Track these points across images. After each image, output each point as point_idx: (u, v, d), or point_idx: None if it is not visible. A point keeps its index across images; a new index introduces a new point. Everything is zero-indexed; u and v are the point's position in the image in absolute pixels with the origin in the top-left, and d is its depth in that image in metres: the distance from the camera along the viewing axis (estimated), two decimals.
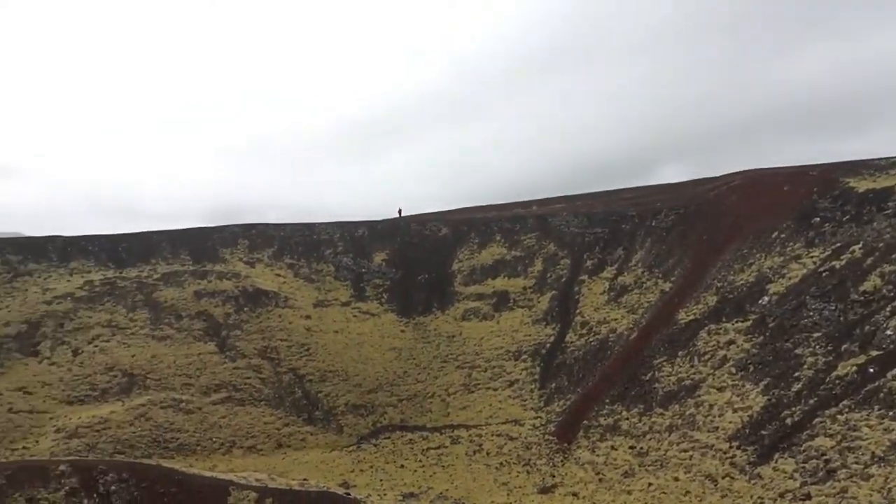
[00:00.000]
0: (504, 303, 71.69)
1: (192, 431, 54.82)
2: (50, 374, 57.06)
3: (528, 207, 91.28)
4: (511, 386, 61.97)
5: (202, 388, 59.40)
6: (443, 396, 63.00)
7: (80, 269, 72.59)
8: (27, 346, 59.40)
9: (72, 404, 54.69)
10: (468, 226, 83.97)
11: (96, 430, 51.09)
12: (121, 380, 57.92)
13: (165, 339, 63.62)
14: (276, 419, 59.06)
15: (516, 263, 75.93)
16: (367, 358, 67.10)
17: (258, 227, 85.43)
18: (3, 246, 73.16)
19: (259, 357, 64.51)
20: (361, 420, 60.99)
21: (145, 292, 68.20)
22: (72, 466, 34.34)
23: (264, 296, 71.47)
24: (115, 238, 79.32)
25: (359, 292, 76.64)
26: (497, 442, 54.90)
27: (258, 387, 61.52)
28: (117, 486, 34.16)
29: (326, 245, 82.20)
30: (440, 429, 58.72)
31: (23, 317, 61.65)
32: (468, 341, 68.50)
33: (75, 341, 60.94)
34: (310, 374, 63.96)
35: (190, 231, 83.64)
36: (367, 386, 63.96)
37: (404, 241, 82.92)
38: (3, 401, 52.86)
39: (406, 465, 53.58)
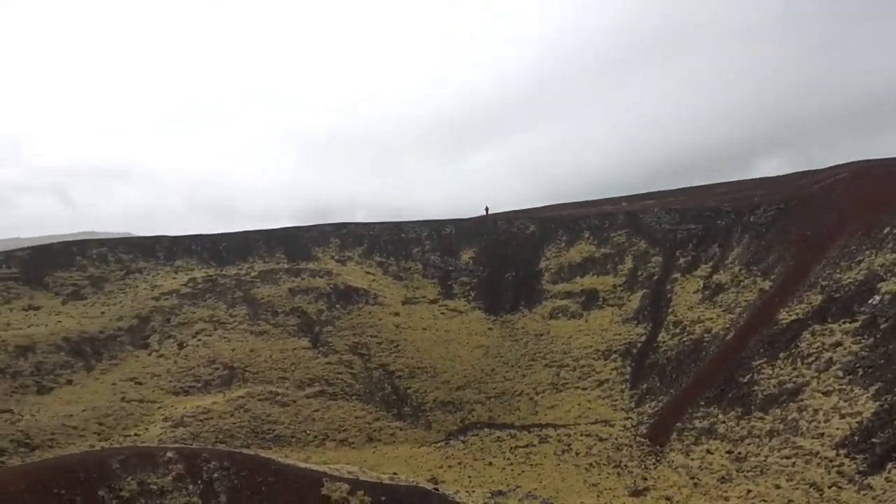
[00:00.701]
0: (593, 301, 70.52)
1: (287, 423, 56.84)
2: (158, 366, 60.53)
3: (618, 204, 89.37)
4: (600, 386, 60.90)
5: (297, 382, 61.49)
6: (531, 395, 62.61)
7: (184, 267, 76.60)
8: (138, 339, 63.25)
9: (178, 395, 57.82)
10: (556, 223, 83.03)
11: (200, 419, 53.80)
12: (222, 372, 60.77)
13: (262, 334, 66.24)
14: (367, 413, 60.38)
15: (605, 261, 74.52)
16: (454, 355, 67.55)
17: (348, 226, 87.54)
18: (115, 245, 78.12)
19: (350, 353, 66.14)
20: (449, 416, 61.45)
21: (244, 289, 71.23)
22: (178, 453, 36.26)
23: (355, 293, 73.19)
24: (216, 237, 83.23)
25: (446, 290, 77.24)
26: (586, 442, 54.05)
27: (349, 382, 63.09)
28: (219, 473, 35.81)
29: (414, 243, 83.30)
30: (528, 427, 58.38)
31: (134, 312, 65.66)
32: (556, 340, 67.79)
33: (181, 335, 64.38)
34: (399, 371, 65.01)
35: (284, 230, 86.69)
36: (455, 383, 64.37)
37: (491, 239, 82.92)
38: (116, 390, 56.52)
39: (494, 463, 53.57)
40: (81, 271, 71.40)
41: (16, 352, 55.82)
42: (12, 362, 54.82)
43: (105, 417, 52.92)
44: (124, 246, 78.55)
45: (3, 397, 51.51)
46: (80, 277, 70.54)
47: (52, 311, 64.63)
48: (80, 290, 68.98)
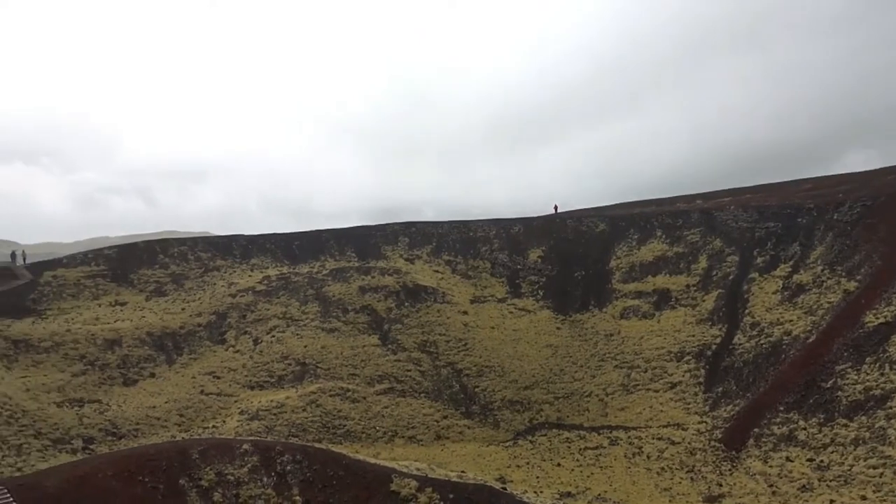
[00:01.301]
0: (665, 301, 68.85)
1: (357, 419, 57.85)
2: (234, 361, 62.66)
3: (691, 201, 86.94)
4: (673, 388, 59.41)
5: (366, 379, 62.49)
6: (600, 396, 61.68)
7: (259, 265, 79.01)
8: (216, 334, 65.64)
9: (253, 389, 59.70)
10: (626, 221, 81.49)
11: (274, 413, 55.38)
12: (294, 368, 62.37)
13: (333, 331, 67.61)
14: (435, 411, 60.78)
15: (678, 260, 72.64)
16: (523, 354, 67.21)
17: (417, 225, 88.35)
18: (195, 244, 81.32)
19: (419, 350, 66.72)
20: (518, 416, 61.19)
21: (315, 287, 72.88)
22: (254, 446, 37.45)
23: (423, 291, 73.79)
24: (289, 236, 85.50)
25: (514, 289, 76.93)
26: (658, 445, 52.85)
27: (418, 379, 63.66)
28: (292, 466, 36.78)
29: (482, 242, 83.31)
30: (598, 429, 57.55)
31: (212, 308, 68.17)
32: (627, 340, 66.52)
33: (255, 331, 66.44)
34: (467, 369, 65.17)
35: (355, 229, 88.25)
36: (524, 382, 64.05)
37: (560, 238, 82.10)
38: (196, 383, 58.83)
39: (563, 464, 53.05)
40: (163, 269, 74.63)
41: (104, 345, 58.83)
42: (101, 355, 57.80)
43: (185, 409, 55.15)
44: (203, 244, 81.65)
45: (92, 388, 54.38)
46: (163, 275, 73.75)
47: (137, 306, 67.81)
48: (163, 286, 72.11)
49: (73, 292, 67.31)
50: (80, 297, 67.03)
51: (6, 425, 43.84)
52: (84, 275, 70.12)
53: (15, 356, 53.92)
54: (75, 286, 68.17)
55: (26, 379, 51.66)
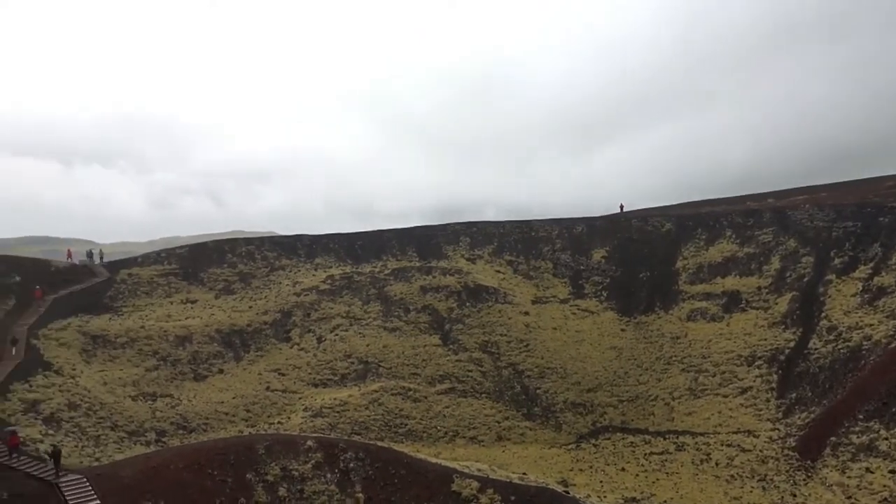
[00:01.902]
0: (735, 303, 66.58)
1: (419, 419, 58.07)
2: (299, 359, 63.85)
3: (763, 200, 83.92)
4: (743, 393, 57.38)
5: (428, 379, 62.68)
6: (666, 400, 60.13)
7: (323, 264, 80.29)
8: (281, 332, 67.03)
9: (317, 386, 60.69)
10: (694, 221, 79.26)
11: (337, 411, 56.17)
12: (357, 366, 63.11)
13: (395, 330, 68.10)
14: (497, 412, 60.46)
15: (749, 261, 70.16)
16: (585, 356, 66.17)
17: (478, 224, 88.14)
18: (261, 244, 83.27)
19: (480, 351, 66.52)
20: (580, 419, 60.27)
21: (378, 286, 73.57)
22: (318, 443, 38.02)
23: (485, 291, 73.54)
24: (352, 236, 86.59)
25: (577, 289, 75.85)
26: (727, 452, 51.14)
27: (479, 380, 63.45)
28: (355, 463, 37.18)
29: (544, 242, 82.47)
30: (664, 434, 56.11)
31: (277, 307, 69.65)
32: (694, 343, 64.64)
33: (319, 330, 67.53)
34: (528, 370, 64.58)
35: (416, 229, 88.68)
36: (587, 384, 63.04)
37: (625, 238, 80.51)
38: (262, 380, 60.21)
39: (627, 469, 51.93)
40: (231, 268, 76.68)
41: (175, 341, 60.85)
42: (172, 351, 59.81)
43: (252, 405, 56.51)
44: (269, 244, 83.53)
45: (164, 383, 56.32)
46: (231, 273, 75.78)
47: (207, 304, 69.88)
48: (231, 285, 74.10)
49: (147, 290, 69.87)
50: (153, 295, 69.53)
51: (85, 417, 45.82)
52: (157, 273, 72.71)
53: (93, 351, 56.30)
54: (149, 284, 70.75)
55: (104, 373, 53.87)
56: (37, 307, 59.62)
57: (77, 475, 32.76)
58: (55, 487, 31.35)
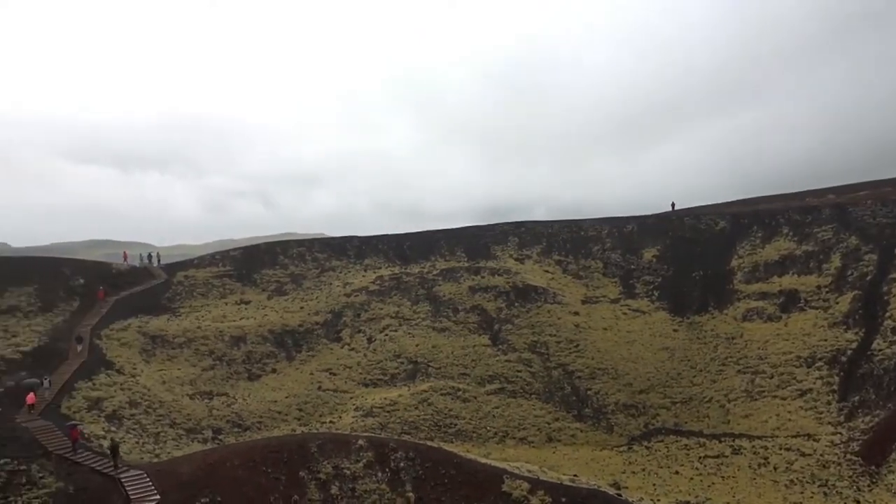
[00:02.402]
0: (793, 303, 64.61)
1: (468, 419, 58.08)
2: (349, 359, 64.60)
3: (823, 196, 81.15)
4: (802, 396, 55.63)
5: (477, 379, 62.64)
6: (722, 402, 58.72)
7: (372, 265, 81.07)
8: (332, 332, 67.94)
9: (367, 386, 61.30)
10: (750, 218, 77.23)
11: (387, 410, 56.61)
12: (407, 367, 63.50)
13: (444, 330, 68.28)
14: (547, 413, 60.03)
15: (808, 259, 67.98)
16: (637, 357, 65.14)
17: (527, 224, 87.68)
18: (312, 245, 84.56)
19: (529, 351, 66.15)
20: (632, 420, 59.35)
21: (426, 287, 73.89)
22: (368, 442, 38.39)
23: (533, 291, 73.11)
24: (401, 237, 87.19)
25: (628, 289, 74.75)
26: (786, 457, 49.64)
27: (528, 380, 63.10)
28: (405, 463, 37.40)
29: (594, 241, 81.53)
30: (719, 436, 54.81)
31: (328, 307, 70.62)
32: (750, 344, 62.97)
33: (369, 330, 68.19)
34: (579, 371, 63.92)
35: (465, 230, 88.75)
36: (638, 386, 62.04)
37: (677, 236, 78.99)
38: (314, 380, 61.12)
39: (681, 472, 50.90)
40: (283, 269, 78.10)
41: (230, 342, 62.29)
42: (228, 351, 61.24)
43: (304, 404, 57.41)
44: (319, 245, 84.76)
45: (220, 382, 57.71)
46: (283, 275, 77.18)
47: (260, 305, 71.33)
48: (283, 286, 75.46)
49: (203, 291, 71.71)
50: (208, 296, 71.33)
51: (145, 415, 47.28)
52: (212, 275, 74.56)
53: (153, 350, 58.07)
54: (204, 285, 72.60)
55: (162, 372, 55.51)
56: (99, 308, 61.80)
57: (138, 471, 33.84)
58: (117, 482, 32.43)
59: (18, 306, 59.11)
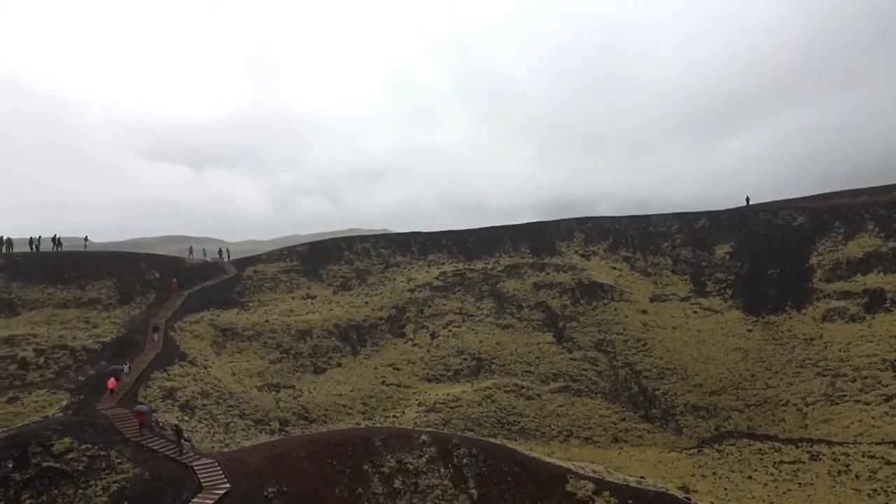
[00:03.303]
0: (878, 303, 61.22)
1: (532, 417, 57.43)
2: (413, 354, 64.85)
3: None
4: (888, 401, 52.65)
5: (541, 377, 61.88)
6: (799, 406, 56.20)
7: (435, 261, 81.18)
8: (395, 328, 68.38)
9: (430, 382, 61.40)
10: (830, 213, 73.58)
11: (450, 406, 56.54)
12: (470, 363, 63.28)
13: (508, 327, 67.73)
14: (613, 413, 58.78)
15: (895, 257, 64.27)
16: (708, 357, 63.03)
17: (593, 219, 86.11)
18: (376, 241, 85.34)
19: (595, 349, 64.93)
20: (703, 422, 57.48)
21: (490, 283, 73.47)
22: (432, 437, 38.32)
23: (600, 289, 71.72)
24: (464, 233, 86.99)
25: (699, 287, 72.41)
26: (869, 464, 47.03)
27: (594, 379, 61.94)
28: (468, 459, 37.16)
29: (663, 237, 79.34)
30: (795, 441, 52.44)
31: (392, 303, 71.10)
32: (831, 346, 60.02)
33: (432, 326, 68.29)
34: (646, 371, 62.34)
35: (528, 225, 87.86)
36: (709, 387, 60.03)
37: (751, 232, 76.02)
38: (378, 374, 61.65)
39: (754, 477, 48.95)
40: (348, 264, 79.09)
41: (297, 335, 63.47)
42: (294, 344, 62.41)
43: (368, 398, 57.96)
44: (384, 241, 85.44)
45: (287, 375, 58.87)
46: (348, 270, 78.18)
47: (325, 300, 72.44)
48: (348, 281, 76.43)
49: (271, 286, 73.36)
50: (276, 290, 72.92)
51: (216, 405, 48.64)
52: (280, 270, 76.19)
53: (223, 343, 59.73)
54: (272, 280, 74.26)
55: (232, 364, 57.03)
56: (173, 300, 63.99)
57: (209, 459, 34.74)
58: (190, 469, 33.38)
59: (99, 299, 61.81)
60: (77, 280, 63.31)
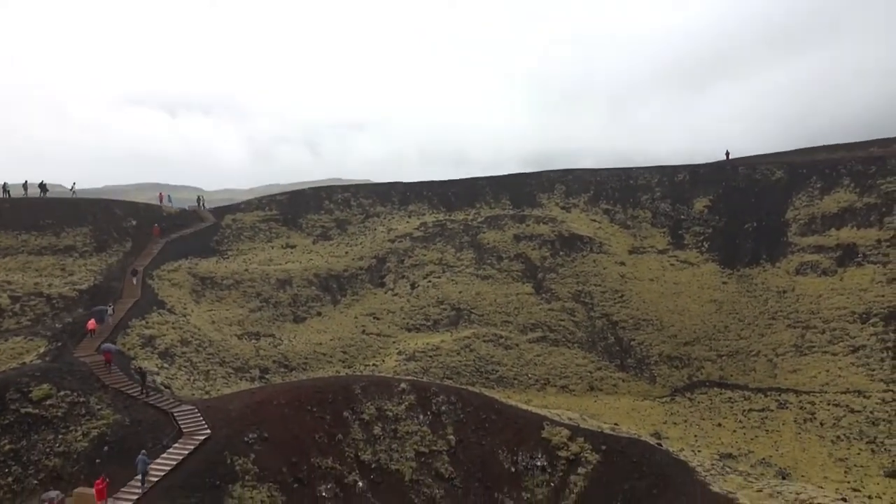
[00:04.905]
0: (850, 257, 62.35)
1: (510, 366, 58.38)
2: (393, 304, 65.24)
3: (889, 146, 77.20)
4: (855, 352, 54.12)
5: (519, 327, 62.68)
6: (769, 356, 57.63)
7: (416, 211, 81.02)
8: (376, 278, 68.57)
9: (410, 331, 61.96)
10: (808, 168, 74.20)
11: (429, 355, 57.24)
12: (449, 313, 63.85)
13: (487, 278, 68.21)
14: (589, 362, 59.91)
15: (869, 212, 65.22)
16: (683, 309, 64.15)
17: (574, 172, 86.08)
18: (357, 191, 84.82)
19: (573, 300, 65.74)
20: (676, 372, 58.85)
21: (470, 234, 73.64)
22: (411, 385, 38.90)
23: (579, 241, 72.21)
24: (446, 184, 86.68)
25: (676, 240, 73.17)
26: (834, 412, 48.67)
27: (571, 329, 62.88)
28: (447, 407, 37.86)
29: (643, 190, 79.69)
30: (765, 390, 53.98)
31: (372, 253, 71.13)
32: (802, 298, 61.29)
33: (413, 276, 68.57)
34: (623, 321, 63.37)
35: (510, 177, 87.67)
36: (683, 338, 61.27)
37: (730, 187, 76.57)
38: (358, 323, 62.04)
39: (724, 425, 50.49)
40: (328, 214, 78.69)
41: (277, 284, 63.43)
42: (274, 294, 62.43)
43: (348, 347, 58.44)
44: (364, 191, 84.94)
45: (267, 323, 59.04)
46: (328, 220, 77.82)
47: (305, 249, 72.25)
48: (328, 231, 76.17)
49: (250, 235, 72.92)
50: (255, 240, 72.53)
51: (195, 353, 48.78)
52: (259, 219, 75.63)
53: (202, 291, 59.56)
54: (251, 229, 73.78)
55: (212, 312, 57.00)
56: (151, 248, 63.42)
57: (189, 406, 35.02)
58: (170, 416, 33.65)
59: (74, 246, 61.08)
60: (52, 227, 62.39)
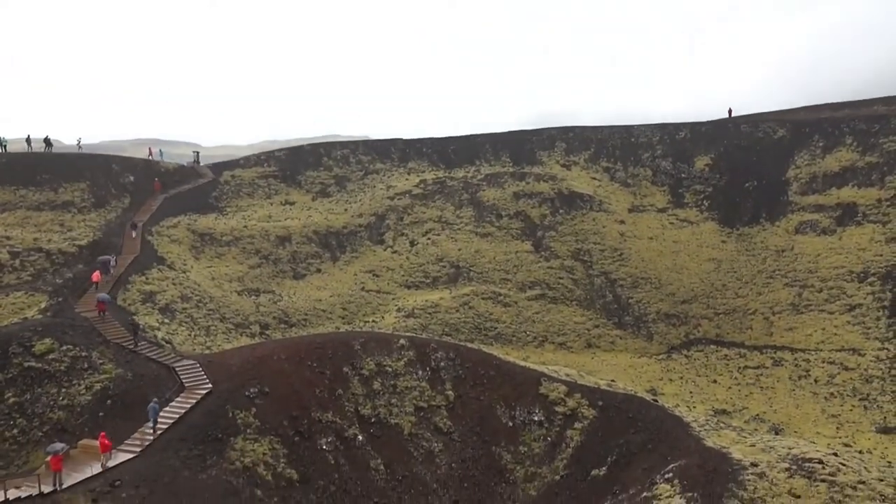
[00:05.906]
0: (850, 216, 62.29)
1: (508, 323, 58.83)
2: (392, 261, 65.38)
3: (892, 104, 76.37)
4: (851, 311, 54.53)
5: (518, 284, 62.96)
6: (766, 314, 58.06)
7: (416, 168, 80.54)
8: (375, 235, 68.55)
9: (409, 288, 62.25)
10: (811, 127, 73.50)
11: (428, 312, 57.62)
12: (449, 270, 64.05)
13: (487, 235, 68.22)
14: (587, 320, 60.37)
15: (870, 171, 64.90)
16: (682, 267, 64.37)
17: (575, 129, 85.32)
18: (356, 147, 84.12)
19: (572, 258, 65.90)
20: (673, 330, 59.36)
21: (470, 192, 73.35)
22: (410, 341, 39.24)
23: (579, 199, 72.00)
24: (445, 141, 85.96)
25: (677, 198, 72.97)
26: (828, 370, 49.32)
27: (570, 287, 63.19)
28: (445, 363, 38.26)
29: (644, 148, 79.11)
30: (760, 348, 54.57)
31: (371, 210, 70.93)
32: (801, 257, 61.44)
33: (412, 233, 68.55)
34: (621, 279, 63.64)
35: (510, 134, 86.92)
36: (681, 296, 61.62)
37: (731, 145, 76.00)
38: (357, 280, 62.27)
39: (719, 381, 51.18)
40: (328, 171, 78.24)
41: (276, 241, 63.44)
42: (273, 250, 62.48)
43: (348, 304, 58.78)
44: (363, 148, 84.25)
45: (266, 280, 59.24)
46: (327, 176, 77.41)
47: (304, 206, 72.03)
48: (327, 188, 75.84)
49: (249, 191, 72.58)
50: (254, 196, 72.23)
51: (196, 309, 49.06)
52: (258, 175, 75.18)
53: (202, 248, 59.58)
54: (250, 185, 73.41)
55: (211, 269, 57.12)
56: (149, 204, 63.16)
57: (191, 360, 35.37)
58: (172, 370, 34.02)
59: (73, 202, 60.78)
60: (49, 182, 61.97)
